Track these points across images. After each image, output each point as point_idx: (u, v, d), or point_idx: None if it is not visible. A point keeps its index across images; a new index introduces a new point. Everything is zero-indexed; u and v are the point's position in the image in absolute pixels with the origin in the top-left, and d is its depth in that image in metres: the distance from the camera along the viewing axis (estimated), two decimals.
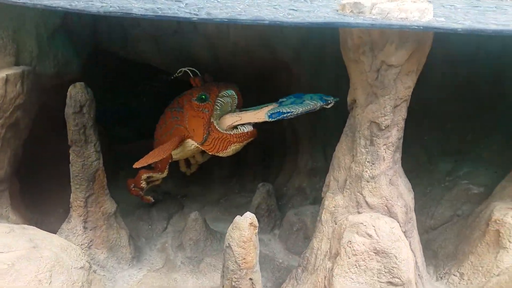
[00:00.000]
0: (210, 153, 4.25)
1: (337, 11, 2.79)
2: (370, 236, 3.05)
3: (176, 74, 4.16)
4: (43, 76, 3.90)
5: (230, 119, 3.99)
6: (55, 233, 3.79)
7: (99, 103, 3.72)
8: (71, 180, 3.81)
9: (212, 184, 5.66)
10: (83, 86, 3.57)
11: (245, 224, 3.09)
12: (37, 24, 3.79)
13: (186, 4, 2.79)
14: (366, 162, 3.17)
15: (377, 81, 2.93)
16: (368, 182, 3.18)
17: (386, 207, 3.19)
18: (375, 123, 3.05)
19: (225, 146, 4.00)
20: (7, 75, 3.45)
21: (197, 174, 5.48)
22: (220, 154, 4.15)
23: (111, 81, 5.19)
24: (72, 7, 2.61)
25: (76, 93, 3.56)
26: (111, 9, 2.56)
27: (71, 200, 3.88)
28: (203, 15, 2.48)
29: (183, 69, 4.12)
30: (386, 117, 3.00)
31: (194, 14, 2.48)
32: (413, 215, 3.36)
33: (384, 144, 3.10)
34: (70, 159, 3.76)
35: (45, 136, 4.46)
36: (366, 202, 3.21)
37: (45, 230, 3.71)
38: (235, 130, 3.99)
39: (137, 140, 5.49)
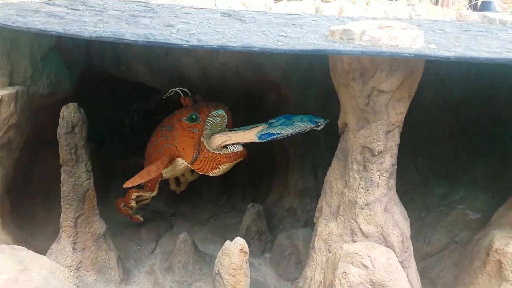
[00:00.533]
0: (200, 172, 4.24)
1: (327, 37, 2.82)
2: (365, 267, 2.96)
3: (168, 94, 4.20)
4: (36, 96, 3.91)
5: (220, 139, 4.01)
6: (44, 253, 3.77)
7: (91, 121, 3.72)
8: (62, 199, 3.78)
9: (201, 203, 5.62)
10: (75, 107, 3.58)
11: (235, 251, 3.03)
12: (31, 45, 3.82)
13: (178, 29, 2.83)
14: (359, 188, 3.12)
15: (368, 106, 2.93)
16: (362, 209, 3.12)
17: (381, 236, 3.12)
18: (368, 148, 3.02)
19: (215, 165, 4.01)
20: (1, 96, 3.46)
21: (187, 192, 5.46)
22: (210, 174, 4.15)
23: (103, 99, 5.20)
24: (65, 32, 2.64)
25: (69, 113, 3.56)
26: (103, 34, 2.59)
27: (61, 220, 3.84)
28: (194, 41, 2.50)
29: (174, 89, 4.15)
30: (378, 143, 2.98)
31: (185, 40, 2.51)
32: (409, 244, 3.29)
33: (378, 170, 3.06)
34: (61, 178, 3.74)
35: (37, 155, 4.44)
36: (361, 230, 3.14)
37: (34, 250, 3.69)
38: (224, 149, 4.00)
39: (127, 158, 5.46)
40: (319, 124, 3.66)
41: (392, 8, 4.40)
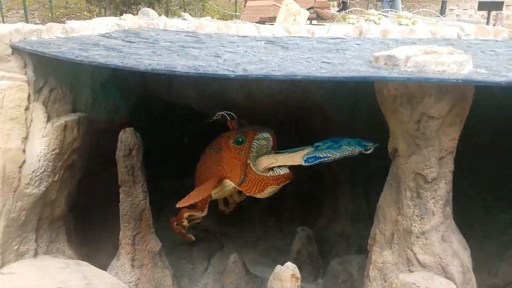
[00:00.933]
0: (247, 194, 4.31)
1: (371, 63, 2.80)
2: None
3: (215, 117, 4.33)
4: (95, 121, 4.23)
5: (266, 161, 4.06)
6: (104, 269, 4.00)
7: (145, 143, 3.95)
8: (121, 218, 4.02)
9: (250, 224, 5.63)
10: (132, 131, 3.85)
11: (286, 276, 3.02)
12: (92, 75, 4.16)
13: (224, 60, 2.97)
14: (414, 216, 2.98)
15: (418, 132, 2.82)
16: (418, 238, 2.97)
17: (440, 266, 2.95)
18: (421, 175, 2.89)
19: (261, 187, 4.05)
20: (65, 122, 3.79)
21: (235, 213, 5.51)
22: (257, 196, 4.19)
23: (157, 123, 5.47)
24: (123, 65, 2.87)
25: (126, 137, 3.83)
26: (157, 67, 2.79)
27: (120, 237, 4.07)
28: (239, 71, 2.62)
29: (221, 112, 4.29)
30: (431, 169, 2.85)
31: (231, 71, 2.64)
32: (472, 276, 3.09)
33: (432, 198, 2.92)
34: (120, 198, 3.99)
35: (96, 176, 4.75)
36: (417, 260, 2.99)
37: (97, 265, 3.96)
38: (271, 172, 4.03)
39: (178, 178, 5.67)
40: (368, 148, 3.56)
41: (439, 28, 4.28)
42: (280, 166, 4.00)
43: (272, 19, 6.75)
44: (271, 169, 4.05)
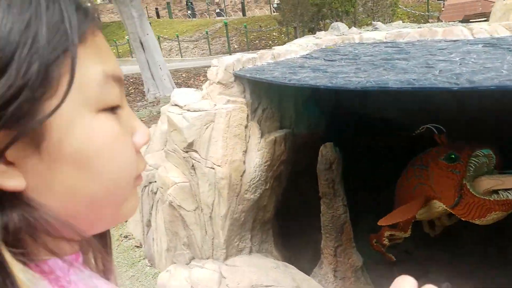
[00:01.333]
0: (463, 219, 3.82)
1: None
2: None
3: (419, 130, 4.00)
4: (298, 136, 4.62)
5: (488, 182, 3.50)
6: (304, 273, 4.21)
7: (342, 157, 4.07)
8: (322, 228, 4.24)
9: (461, 251, 4.92)
10: (332, 146, 4.04)
11: None
12: (295, 95, 4.56)
13: (440, 71, 2.76)
14: None
15: None
16: None
17: None
18: None
19: (483, 213, 3.51)
20: (275, 137, 4.26)
21: (442, 236, 4.98)
22: (477, 222, 3.67)
23: (352, 137, 5.49)
24: (333, 85, 3.01)
25: (327, 152, 4.05)
26: (368, 84, 2.81)
27: (321, 246, 4.28)
28: (464, 83, 2.41)
29: (427, 125, 3.93)
30: None
31: (454, 83, 2.45)
32: None
33: None
34: (321, 209, 4.21)
35: (295, 185, 5.18)
36: None
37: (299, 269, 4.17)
38: (495, 195, 3.46)
39: (372, 192, 5.56)
40: None
41: None
42: (508, 189, 3.39)
43: (478, 16, 5.98)
44: (495, 191, 3.47)
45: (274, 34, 19.32)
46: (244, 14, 28.88)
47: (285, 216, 5.21)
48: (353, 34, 4.67)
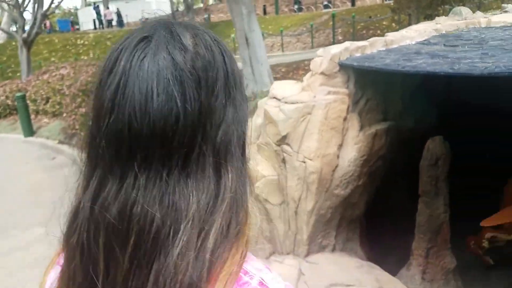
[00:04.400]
0: None
1: None
2: None
3: None
4: (403, 130, 4.28)
5: None
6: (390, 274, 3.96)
7: (456, 154, 3.68)
8: (416, 228, 3.96)
9: None
10: (441, 140, 3.70)
11: None
12: (402, 85, 4.23)
13: None
14: None
15: None
16: None
17: None
18: None
19: None
20: (376, 130, 4.04)
21: None
22: None
23: (471, 132, 4.95)
24: (454, 72, 2.73)
25: (434, 146, 3.72)
26: (496, 70, 2.49)
27: (412, 247, 4.01)
28: None
29: None
30: None
31: None
32: None
33: None
34: (419, 208, 3.92)
35: (393, 184, 4.82)
36: None
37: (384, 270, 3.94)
38: None
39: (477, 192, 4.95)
40: None
41: None
42: None
43: None
44: None
45: (384, 23, 18.15)
46: (353, 5, 27.76)
47: (375, 215, 4.93)
48: (479, 18, 4.16)
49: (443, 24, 4.33)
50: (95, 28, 36.82)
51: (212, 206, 0.57)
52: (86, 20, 39.66)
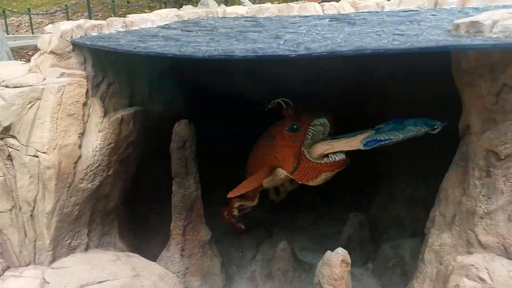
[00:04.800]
0: (300, 182, 4.18)
1: (450, 31, 2.53)
2: (482, 280, 2.64)
3: (270, 105, 4.19)
4: (151, 114, 4.24)
5: (321, 148, 3.89)
6: (156, 259, 4.04)
7: (202, 136, 3.91)
8: (172, 209, 4.03)
9: (301, 212, 5.55)
10: (187, 123, 3.82)
11: (336, 261, 2.96)
12: (149, 68, 4.16)
13: (285, 40, 2.81)
14: (480, 196, 2.81)
15: (496, 105, 2.62)
16: (482, 218, 2.81)
17: (503, 247, 2.75)
18: (493, 152, 2.71)
19: (315, 175, 3.89)
20: (122, 116, 3.80)
21: (286, 201, 5.42)
22: (310, 183, 4.04)
23: (213, 115, 5.42)
24: (181, 53, 2.80)
25: (181, 130, 3.81)
26: (215, 53, 2.68)
27: (171, 228, 4.09)
28: (301, 50, 2.45)
29: (276, 100, 4.14)
30: (506, 145, 2.65)
31: (292, 50, 2.47)
32: None
33: (504, 176, 2.71)
34: (173, 189, 3.99)
35: (148, 168, 4.80)
36: (479, 241, 2.82)
37: (148, 256, 3.99)
38: (326, 158, 3.86)
39: (231, 168, 5.61)
40: (435, 127, 3.34)
41: None
42: (336, 152, 3.83)
43: None
44: (326, 155, 3.88)
45: (146, 10, 18.18)
46: None
47: (137, 202, 4.83)
48: (218, 8, 4.57)
49: (186, 11, 4.53)
50: None
51: None
52: None
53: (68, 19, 18.29)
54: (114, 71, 3.78)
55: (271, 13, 4.26)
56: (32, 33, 17.88)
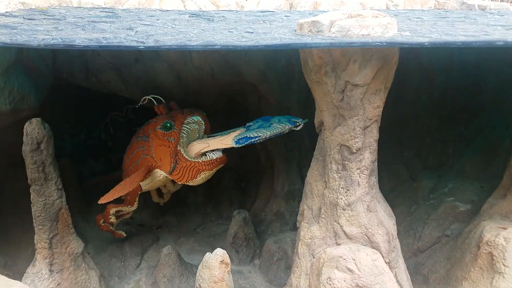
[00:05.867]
0: (179, 183, 4.06)
1: (295, 31, 2.66)
2: (351, 271, 2.81)
3: (141, 102, 3.99)
4: None
5: (198, 146, 3.83)
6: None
7: (68, 137, 3.53)
8: (34, 220, 3.59)
9: (188, 213, 5.43)
10: (39, 122, 3.38)
11: (215, 263, 2.89)
12: None
13: (137, 32, 2.65)
14: (340, 189, 2.97)
15: (343, 102, 2.78)
16: (344, 210, 2.97)
17: (366, 237, 2.97)
18: (346, 146, 2.88)
19: (194, 174, 3.82)
20: None
21: (171, 203, 5.26)
22: (190, 183, 3.95)
23: (79, 114, 4.97)
24: (12, 41, 2.45)
25: (33, 129, 3.36)
26: (52, 41, 2.40)
27: (35, 241, 3.65)
28: (150, 43, 2.33)
29: (147, 97, 3.95)
30: (356, 140, 2.83)
31: (140, 42, 2.33)
32: (396, 242, 3.14)
33: (358, 168, 2.91)
34: (31, 198, 3.54)
35: (7, 177, 4.22)
36: (344, 232, 2.99)
37: (15, 273, 3.64)
38: (203, 157, 3.82)
39: (108, 173, 5.23)
40: (298, 124, 3.51)
41: (369, 0, 4.24)
42: (213, 150, 3.80)
43: None
44: (204, 154, 3.83)
45: None
46: None
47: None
48: None
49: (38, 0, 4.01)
50: None
51: None
52: None
53: None
54: None
55: (130, 5, 4.05)
56: None
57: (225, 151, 3.84)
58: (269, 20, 3.21)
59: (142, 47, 2.30)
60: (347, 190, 2.94)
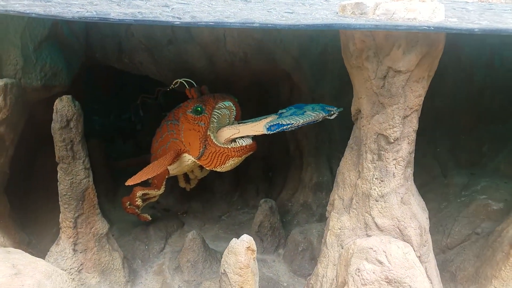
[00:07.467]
0: (207, 168, 3.99)
1: (337, 13, 2.54)
2: (381, 263, 2.69)
3: (172, 85, 3.92)
4: (28, 89, 3.69)
5: (228, 132, 3.74)
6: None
7: (97, 116, 3.51)
8: (60, 199, 3.59)
9: (213, 199, 5.39)
10: (70, 100, 3.36)
11: (241, 249, 2.81)
12: (22, 34, 3.59)
13: (173, 8, 2.58)
14: (374, 179, 2.84)
15: (383, 89, 2.63)
16: (377, 201, 2.85)
17: (398, 229, 2.84)
18: (383, 135, 2.74)
19: (223, 160, 3.74)
20: None
21: (198, 189, 5.21)
22: (218, 169, 3.88)
23: (110, 94, 4.96)
24: (46, 13, 2.41)
25: (63, 107, 3.34)
26: (87, 14, 2.35)
27: (60, 220, 3.65)
28: (187, 18, 2.25)
29: (179, 80, 3.88)
30: (395, 129, 2.69)
31: (177, 18, 2.26)
32: (428, 237, 3.01)
33: (394, 159, 2.77)
34: (58, 177, 3.54)
35: (36, 153, 4.25)
36: (376, 224, 2.87)
37: (39, 252, 3.62)
38: (233, 143, 3.73)
39: (136, 155, 5.23)
40: (332, 112, 3.36)
41: None
42: (243, 136, 3.71)
43: None
44: (234, 140, 3.74)
45: None
46: None
47: (25, 191, 4.26)
48: None
49: None
50: None
51: None
52: None
53: None
54: None
55: None
56: None
57: (254, 138, 3.75)
58: (309, 3, 3.09)
59: (178, 22, 2.22)
60: (382, 181, 2.82)
